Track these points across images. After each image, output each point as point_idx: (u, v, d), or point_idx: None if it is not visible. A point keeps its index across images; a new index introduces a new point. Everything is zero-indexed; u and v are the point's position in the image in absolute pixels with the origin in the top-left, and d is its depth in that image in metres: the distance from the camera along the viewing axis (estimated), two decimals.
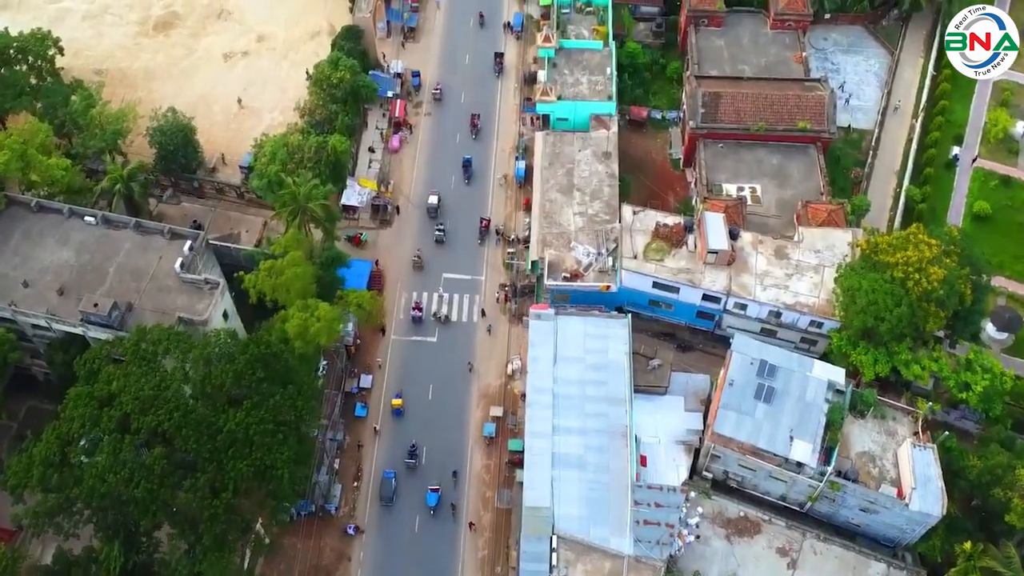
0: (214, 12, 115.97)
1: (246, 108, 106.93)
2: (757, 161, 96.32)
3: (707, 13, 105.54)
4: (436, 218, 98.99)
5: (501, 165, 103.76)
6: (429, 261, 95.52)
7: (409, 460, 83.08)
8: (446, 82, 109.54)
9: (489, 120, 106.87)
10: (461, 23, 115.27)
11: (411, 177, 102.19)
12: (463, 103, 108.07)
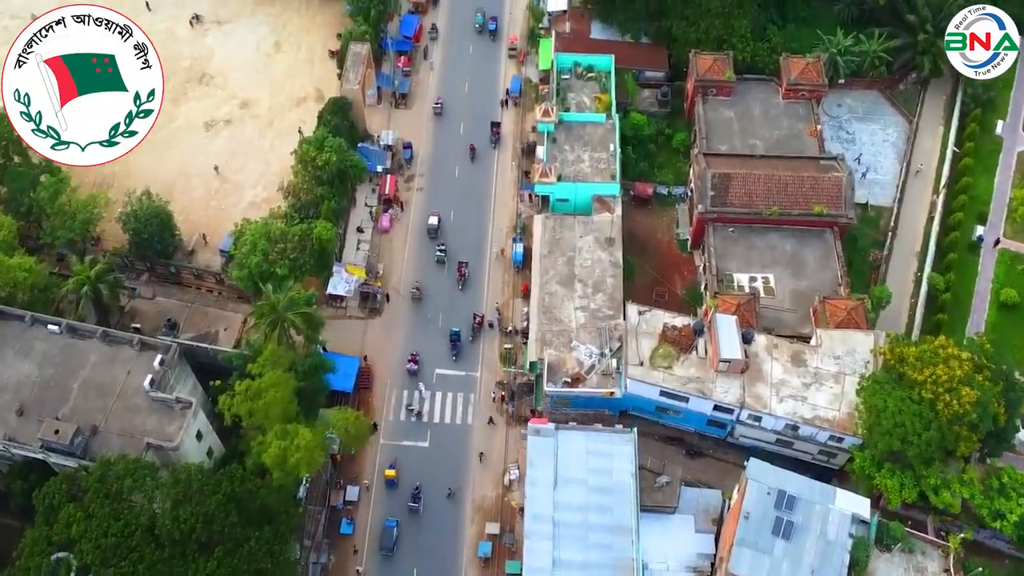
0: (196, 76, 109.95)
1: (228, 182, 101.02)
2: (770, 247, 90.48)
3: (716, 83, 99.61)
4: (436, 239, 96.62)
5: (498, 242, 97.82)
6: (423, 358, 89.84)
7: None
8: (439, 154, 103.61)
9: (485, 195, 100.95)
10: (455, 87, 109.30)
11: (402, 260, 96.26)
12: (457, 176, 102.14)
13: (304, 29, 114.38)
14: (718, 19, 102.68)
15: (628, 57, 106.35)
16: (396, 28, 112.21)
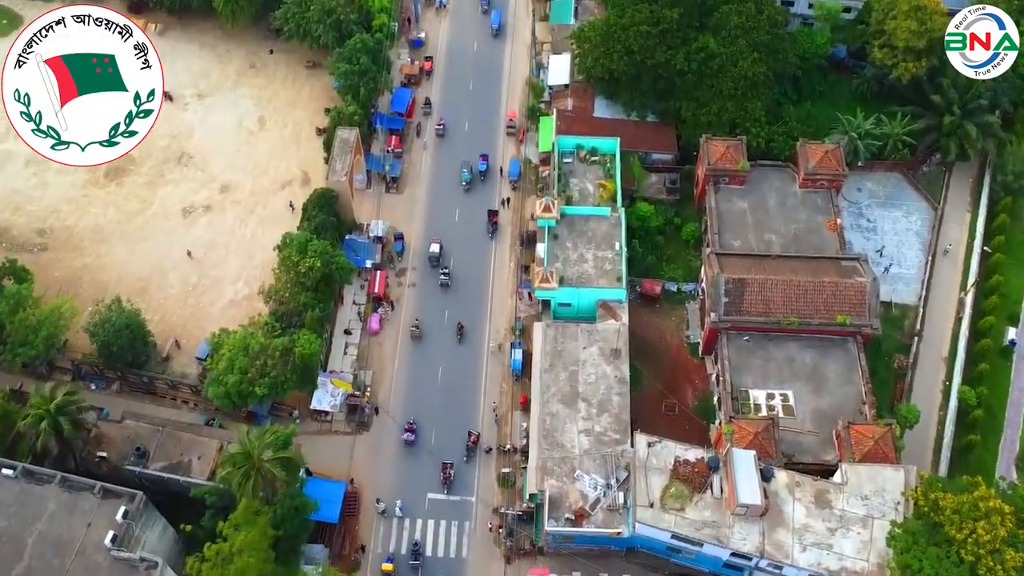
0: (174, 156, 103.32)
1: (207, 277, 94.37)
2: (788, 359, 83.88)
3: (728, 172, 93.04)
4: (438, 266, 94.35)
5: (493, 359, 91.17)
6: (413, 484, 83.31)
7: None
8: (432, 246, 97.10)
9: (482, 290, 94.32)
10: (450, 170, 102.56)
11: (393, 367, 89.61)
12: (452, 269, 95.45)
13: (290, 103, 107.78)
14: (730, 101, 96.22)
15: (634, 137, 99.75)
16: (387, 103, 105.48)
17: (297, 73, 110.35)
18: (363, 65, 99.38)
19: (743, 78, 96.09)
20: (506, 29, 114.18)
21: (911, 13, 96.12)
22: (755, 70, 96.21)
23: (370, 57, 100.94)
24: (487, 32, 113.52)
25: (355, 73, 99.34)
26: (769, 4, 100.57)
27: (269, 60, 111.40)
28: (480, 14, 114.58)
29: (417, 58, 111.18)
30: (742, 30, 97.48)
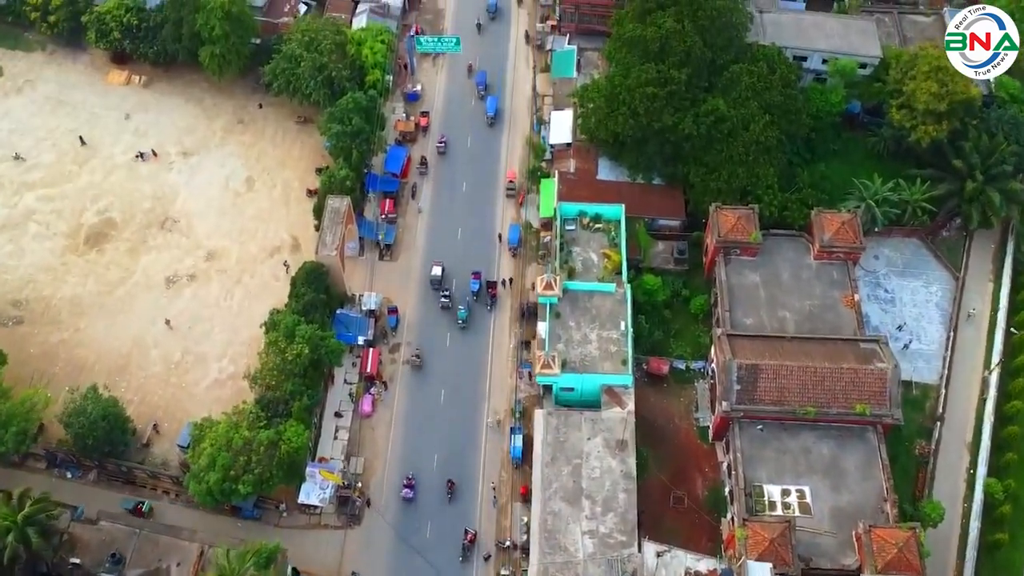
0: (157, 220, 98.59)
1: (190, 354, 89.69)
2: (804, 451, 79.12)
3: (739, 244, 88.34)
4: (439, 289, 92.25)
5: (492, 435, 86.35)
6: None
7: None
8: (428, 318, 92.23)
9: (480, 369, 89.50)
10: (447, 234, 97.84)
11: (385, 453, 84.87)
12: (448, 346, 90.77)
13: (279, 162, 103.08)
14: (741, 167, 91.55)
15: (640, 202, 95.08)
16: (381, 163, 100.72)
17: (287, 129, 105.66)
18: (355, 126, 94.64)
19: (755, 143, 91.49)
20: (506, 82, 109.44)
21: (931, 74, 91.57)
22: (767, 134, 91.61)
23: (363, 116, 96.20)
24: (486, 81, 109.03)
25: (347, 134, 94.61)
26: (782, 62, 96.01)
27: (258, 115, 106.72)
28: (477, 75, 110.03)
29: (413, 113, 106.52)
30: (753, 91, 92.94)
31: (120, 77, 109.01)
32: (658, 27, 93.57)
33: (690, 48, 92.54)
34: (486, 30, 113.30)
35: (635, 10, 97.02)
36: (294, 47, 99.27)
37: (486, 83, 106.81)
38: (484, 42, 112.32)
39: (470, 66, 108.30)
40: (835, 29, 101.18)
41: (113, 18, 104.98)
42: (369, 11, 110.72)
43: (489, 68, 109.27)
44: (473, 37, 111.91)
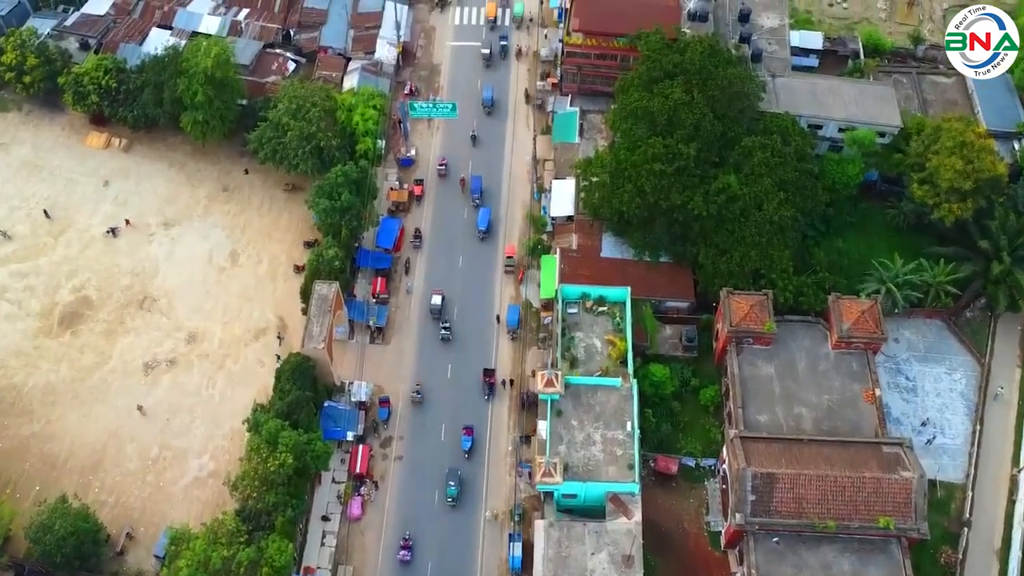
0: (136, 298, 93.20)
1: (169, 449, 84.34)
2: (824, 567, 73.94)
3: (752, 334, 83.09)
4: (439, 318, 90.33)
5: (490, 534, 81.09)
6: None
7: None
8: (421, 409, 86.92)
9: (477, 469, 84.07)
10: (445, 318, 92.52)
11: (376, 562, 79.50)
12: (443, 440, 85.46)
13: (266, 234, 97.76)
14: (754, 249, 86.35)
15: (646, 282, 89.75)
16: (373, 236, 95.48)
17: (274, 197, 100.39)
18: (345, 201, 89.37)
19: (768, 223, 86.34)
20: (505, 142, 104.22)
21: (956, 150, 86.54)
22: (782, 213, 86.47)
23: (353, 189, 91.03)
24: (483, 148, 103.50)
25: (336, 210, 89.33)
26: (796, 133, 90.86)
27: (244, 181, 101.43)
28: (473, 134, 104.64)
29: (406, 179, 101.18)
30: (767, 167, 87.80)
31: (99, 140, 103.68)
32: (666, 98, 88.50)
33: (700, 121, 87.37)
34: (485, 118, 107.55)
35: (641, 78, 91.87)
36: (280, 115, 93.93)
37: (481, 190, 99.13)
38: (483, 122, 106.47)
39: (463, 180, 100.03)
40: (852, 95, 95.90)
41: (91, 80, 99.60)
42: (361, 69, 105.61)
43: (487, 136, 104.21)
44: (470, 120, 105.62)
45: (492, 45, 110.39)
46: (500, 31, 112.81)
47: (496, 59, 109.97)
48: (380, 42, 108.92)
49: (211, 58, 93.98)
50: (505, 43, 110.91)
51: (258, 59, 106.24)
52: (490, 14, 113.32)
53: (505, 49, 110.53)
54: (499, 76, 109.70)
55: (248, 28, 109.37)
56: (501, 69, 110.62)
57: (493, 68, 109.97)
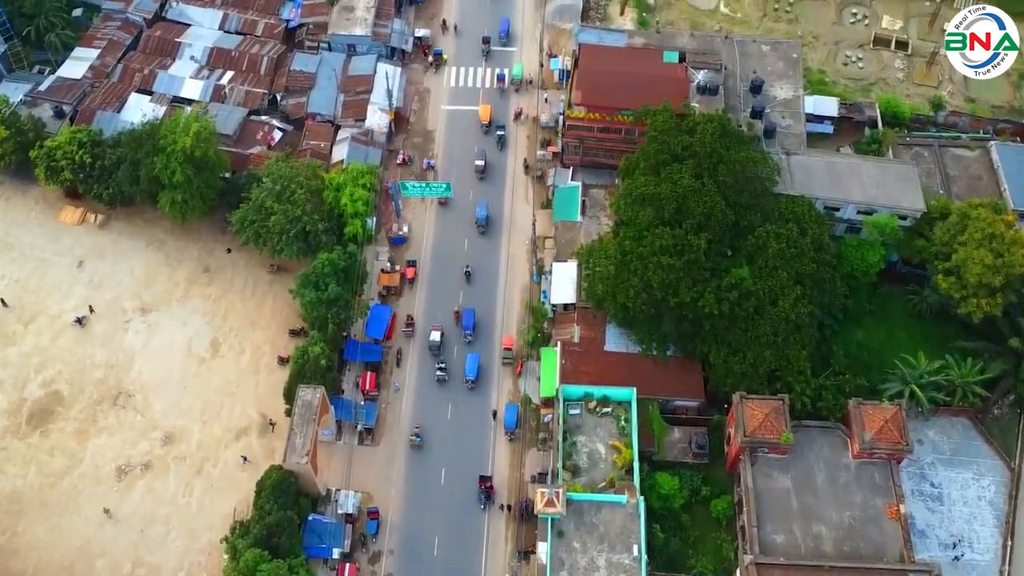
0: (109, 393, 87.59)
1: (143, 566, 78.78)
2: None
3: (768, 444, 77.47)
4: (439, 355, 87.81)
5: None
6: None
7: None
8: (413, 520, 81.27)
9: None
10: (436, 413, 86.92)
11: None
12: (436, 555, 79.80)
13: (249, 321, 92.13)
14: (769, 349, 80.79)
15: (653, 379, 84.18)
16: (362, 326, 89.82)
17: (258, 279, 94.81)
18: (331, 293, 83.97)
19: (784, 321, 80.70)
20: (503, 220, 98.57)
21: (984, 242, 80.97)
22: (798, 311, 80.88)
23: (341, 278, 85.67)
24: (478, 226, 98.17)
25: (322, 302, 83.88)
26: (813, 221, 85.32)
27: (226, 261, 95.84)
28: (472, 208, 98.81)
29: (398, 259, 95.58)
30: (782, 259, 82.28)
31: (74, 215, 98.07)
32: (674, 183, 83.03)
33: (711, 210, 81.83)
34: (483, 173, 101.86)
35: (648, 159, 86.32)
36: (264, 197, 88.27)
37: (474, 324, 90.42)
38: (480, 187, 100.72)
39: (457, 313, 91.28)
40: (872, 176, 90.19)
41: (64, 155, 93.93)
42: (351, 139, 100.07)
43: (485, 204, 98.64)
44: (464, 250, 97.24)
45: (486, 156, 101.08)
46: (496, 125, 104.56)
47: (490, 169, 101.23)
48: (371, 108, 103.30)
49: (190, 136, 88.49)
50: (503, 134, 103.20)
51: (242, 128, 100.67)
52: (483, 118, 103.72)
53: (503, 139, 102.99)
54: (497, 150, 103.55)
55: (232, 93, 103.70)
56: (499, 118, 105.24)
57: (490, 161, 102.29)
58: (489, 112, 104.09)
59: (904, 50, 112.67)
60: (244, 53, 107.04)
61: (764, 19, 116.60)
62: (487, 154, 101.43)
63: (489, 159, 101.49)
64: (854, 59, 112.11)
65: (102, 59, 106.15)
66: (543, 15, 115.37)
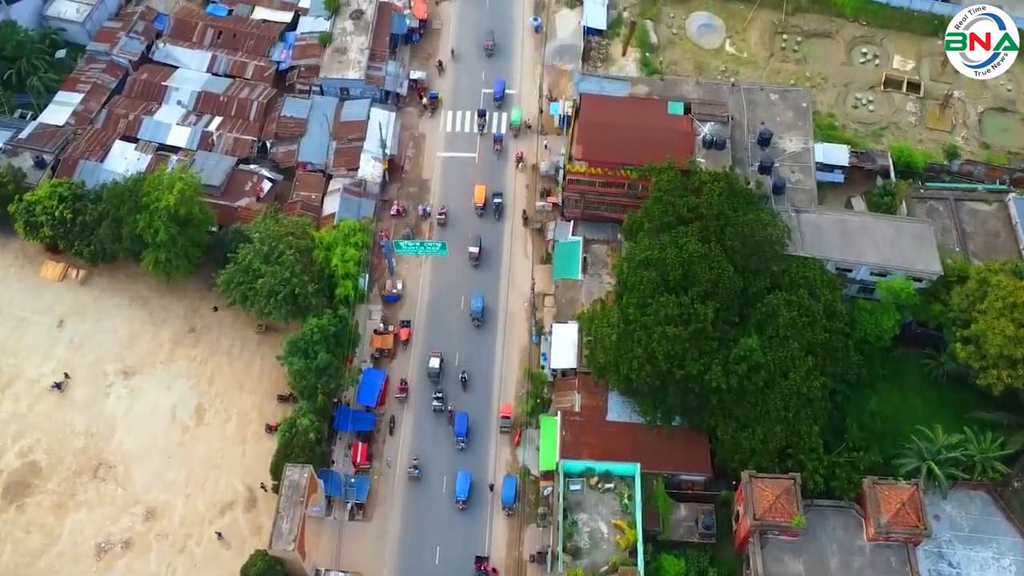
0: (90, 465, 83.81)
1: None
2: None
3: (778, 527, 73.67)
4: (438, 383, 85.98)
5: None
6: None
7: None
8: None
9: None
10: (430, 491, 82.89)
11: None
12: None
13: (236, 384, 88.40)
14: (780, 425, 77.01)
15: (657, 453, 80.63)
16: (354, 392, 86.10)
17: (246, 339, 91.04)
18: (321, 361, 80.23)
19: (795, 394, 76.94)
20: (500, 275, 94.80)
21: (1005, 312, 77.20)
22: (810, 384, 77.15)
23: (332, 344, 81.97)
24: (478, 278, 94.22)
25: (312, 371, 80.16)
26: (825, 286, 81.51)
27: (212, 320, 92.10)
28: (468, 263, 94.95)
29: (392, 318, 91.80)
30: (793, 328, 78.50)
31: (55, 271, 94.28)
32: (679, 248, 79.25)
33: (719, 277, 78.07)
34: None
35: (651, 221, 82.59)
36: (251, 258, 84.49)
37: (467, 431, 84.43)
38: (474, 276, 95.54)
39: (451, 413, 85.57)
40: (886, 235, 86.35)
41: (44, 209, 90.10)
42: (343, 191, 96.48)
43: (482, 264, 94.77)
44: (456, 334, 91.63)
45: (480, 242, 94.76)
46: (493, 193, 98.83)
47: (484, 259, 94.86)
48: (364, 156, 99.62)
49: (174, 194, 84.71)
50: (499, 201, 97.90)
51: (230, 178, 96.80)
52: (478, 200, 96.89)
53: (500, 208, 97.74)
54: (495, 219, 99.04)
55: (220, 141, 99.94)
56: (496, 178, 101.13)
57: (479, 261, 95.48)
58: (484, 194, 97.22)
59: (916, 92, 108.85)
60: (233, 98, 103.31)
61: (771, 59, 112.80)
62: (482, 240, 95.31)
63: (485, 242, 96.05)
64: (864, 102, 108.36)
65: (86, 104, 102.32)
66: (542, 55, 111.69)
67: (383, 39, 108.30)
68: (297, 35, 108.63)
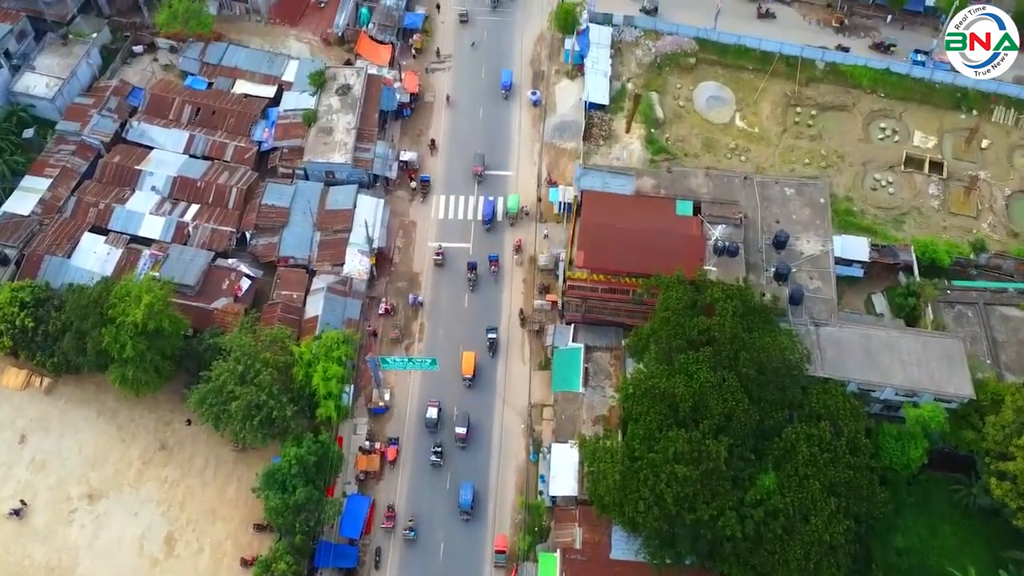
0: None
1: None
2: None
3: None
4: (436, 433, 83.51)
5: None
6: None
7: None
8: None
9: None
10: None
11: None
12: None
13: (209, 510, 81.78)
14: (800, 575, 70.18)
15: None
16: (336, 525, 79.52)
17: (221, 459, 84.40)
18: (300, 497, 73.72)
19: (817, 542, 70.21)
20: (495, 391, 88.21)
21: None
22: (833, 530, 70.37)
23: (312, 474, 75.51)
24: (471, 394, 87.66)
25: (289, 509, 73.63)
26: (850, 416, 74.70)
27: (185, 435, 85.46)
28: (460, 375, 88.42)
29: (378, 433, 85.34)
30: (814, 466, 71.72)
31: (17, 379, 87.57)
32: (690, 377, 72.59)
33: (732, 410, 71.46)
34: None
35: (659, 343, 75.96)
36: (225, 378, 77.89)
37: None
38: None
39: None
40: (912, 353, 79.69)
41: (4, 317, 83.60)
42: (327, 291, 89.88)
43: None
44: None
45: (469, 420, 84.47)
46: (488, 328, 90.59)
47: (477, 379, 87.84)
48: (350, 250, 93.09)
49: (142, 308, 78.12)
50: (494, 337, 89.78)
51: (206, 275, 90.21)
52: (466, 371, 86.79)
53: (494, 344, 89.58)
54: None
55: (196, 233, 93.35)
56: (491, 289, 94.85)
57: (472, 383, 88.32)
58: (473, 362, 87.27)
59: (939, 172, 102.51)
60: (211, 183, 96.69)
61: (784, 134, 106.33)
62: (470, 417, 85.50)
63: None
64: (884, 183, 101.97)
65: (54, 190, 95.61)
66: (541, 131, 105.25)
67: (371, 116, 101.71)
68: (280, 112, 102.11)
